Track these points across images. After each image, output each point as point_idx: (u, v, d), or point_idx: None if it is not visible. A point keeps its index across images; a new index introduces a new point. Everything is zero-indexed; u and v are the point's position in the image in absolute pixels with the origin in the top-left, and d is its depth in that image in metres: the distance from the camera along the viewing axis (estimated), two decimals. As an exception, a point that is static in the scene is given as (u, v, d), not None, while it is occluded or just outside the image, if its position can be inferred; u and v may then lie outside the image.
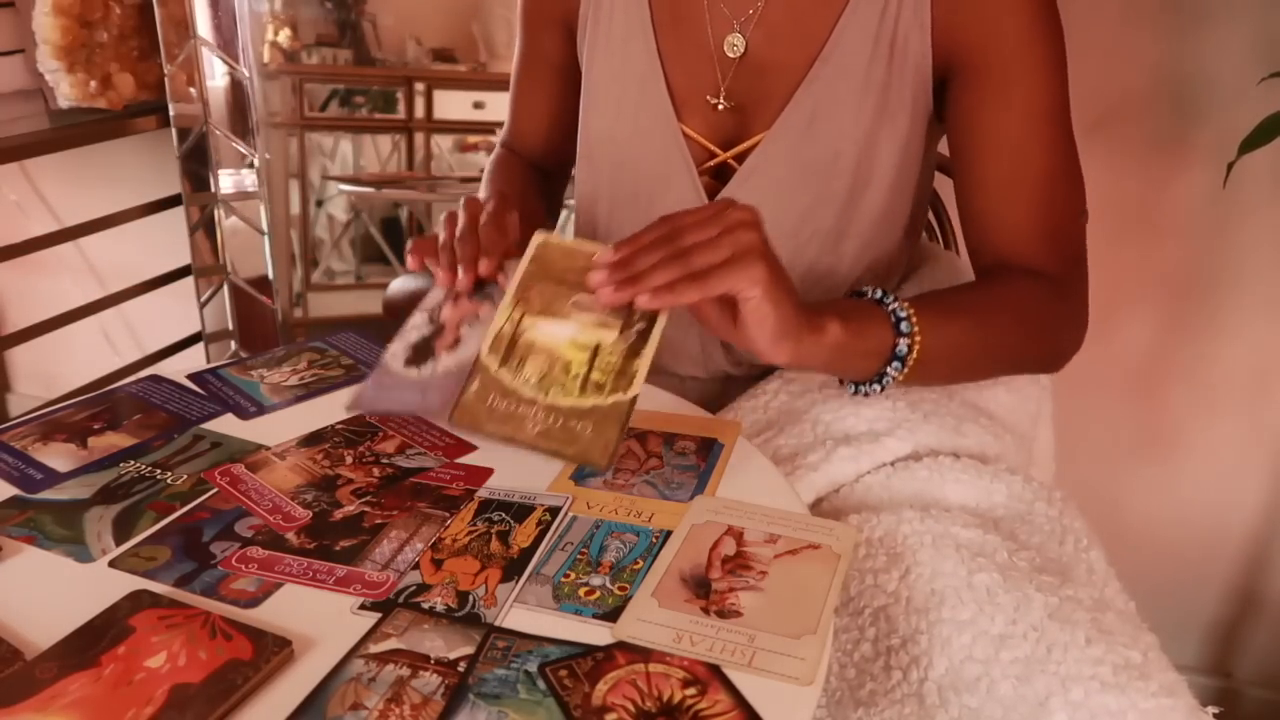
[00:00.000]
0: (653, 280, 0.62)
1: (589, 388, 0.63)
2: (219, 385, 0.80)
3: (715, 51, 0.86)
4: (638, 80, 0.88)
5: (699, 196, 0.87)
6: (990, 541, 0.68)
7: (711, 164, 0.88)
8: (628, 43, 0.88)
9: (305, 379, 0.81)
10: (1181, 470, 1.48)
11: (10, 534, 0.60)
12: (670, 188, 0.88)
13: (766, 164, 0.85)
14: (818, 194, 0.85)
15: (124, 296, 1.66)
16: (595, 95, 0.91)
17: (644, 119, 0.88)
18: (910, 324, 0.72)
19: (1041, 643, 0.61)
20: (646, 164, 0.89)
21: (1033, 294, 0.81)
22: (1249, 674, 1.55)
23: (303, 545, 0.60)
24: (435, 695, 0.48)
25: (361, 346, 0.87)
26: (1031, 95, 0.80)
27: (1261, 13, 1.23)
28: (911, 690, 0.62)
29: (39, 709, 0.47)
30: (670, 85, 0.87)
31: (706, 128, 0.87)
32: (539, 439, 0.62)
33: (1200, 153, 1.31)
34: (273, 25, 1.50)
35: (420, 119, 1.56)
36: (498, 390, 0.64)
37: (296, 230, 1.63)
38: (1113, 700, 0.58)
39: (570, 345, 0.64)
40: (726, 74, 0.86)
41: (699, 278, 0.62)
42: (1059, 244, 0.83)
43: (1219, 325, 1.39)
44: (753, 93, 0.86)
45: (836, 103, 0.83)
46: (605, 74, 0.90)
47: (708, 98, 0.86)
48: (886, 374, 0.73)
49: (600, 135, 0.91)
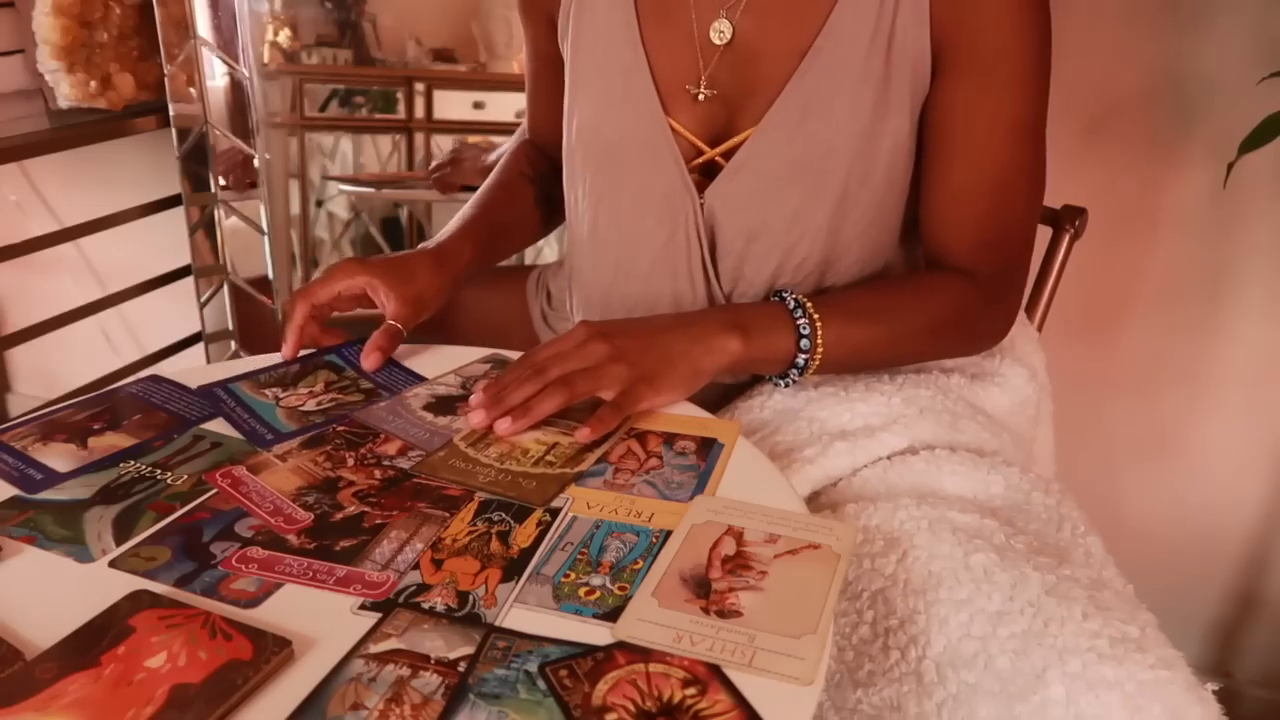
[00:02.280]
0: (511, 400, 0.72)
1: (541, 464, 0.69)
2: (231, 405, 0.76)
3: (700, 38, 0.83)
4: (622, 71, 0.86)
5: (688, 191, 0.86)
6: (987, 525, 0.68)
7: (700, 160, 0.87)
8: (611, 32, 0.86)
9: (323, 403, 0.77)
10: (1181, 470, 1.48)
11: (10, 534, 0.60)
12: (659, 182, 0.87)
13: (756, 159, 0.83)
14: (810, 191, 0.83)
15: (124, 296, 1.66)
16: (580, 87, 0.90)
17: (630, 112, 0.87)
18: (811, 340, 0.79)
19: (1039, 618, 0.61)
20: (635, 158, 0.88)
21: (953, 297, 0.84)
22: (1249, 674, 1.55)
23: (303, 545, 0.60)
24: (435, 695, 0.48)
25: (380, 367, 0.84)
26: (1008, 101, 0.80)
27: (1261, 13, 1.23)
28: (910, 669, 0.62)
29: (39, 709, 0.47)
30: (655, 76, 0.85)
31: (694, 122, 0.86)
32: (485, 485, 0.67)
33: (1200, 153, 1.31)
34: (273, 25, 1.50)
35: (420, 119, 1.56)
36: (459, 457, 0.70)
37: (296, 230, 1.63)
38: (1110, 671, 0.58)
39: (532, 440, 0.72)
40: (709, 62, 0.83)
41: (561, 384, 0.72)
42: (998, 250, 0.85)
43: (1219, 325, 1.39)
44: (740, 83, 0.84)
45: (832, 95, 0.81)
46: (589, 65, 0.89)
47: (687, 87, 0.84)
48: (788, 376, 0.82)
49: (586, 127, 0.90)
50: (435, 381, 0.82)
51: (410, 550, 0.59)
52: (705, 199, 0.86)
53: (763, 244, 0.86)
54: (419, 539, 0.60)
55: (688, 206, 0.86)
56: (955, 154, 0.82)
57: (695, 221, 0.87)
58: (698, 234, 0.87)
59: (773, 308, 0.81)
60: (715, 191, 0.85)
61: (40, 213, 1.96)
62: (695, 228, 0.87)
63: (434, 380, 0.82)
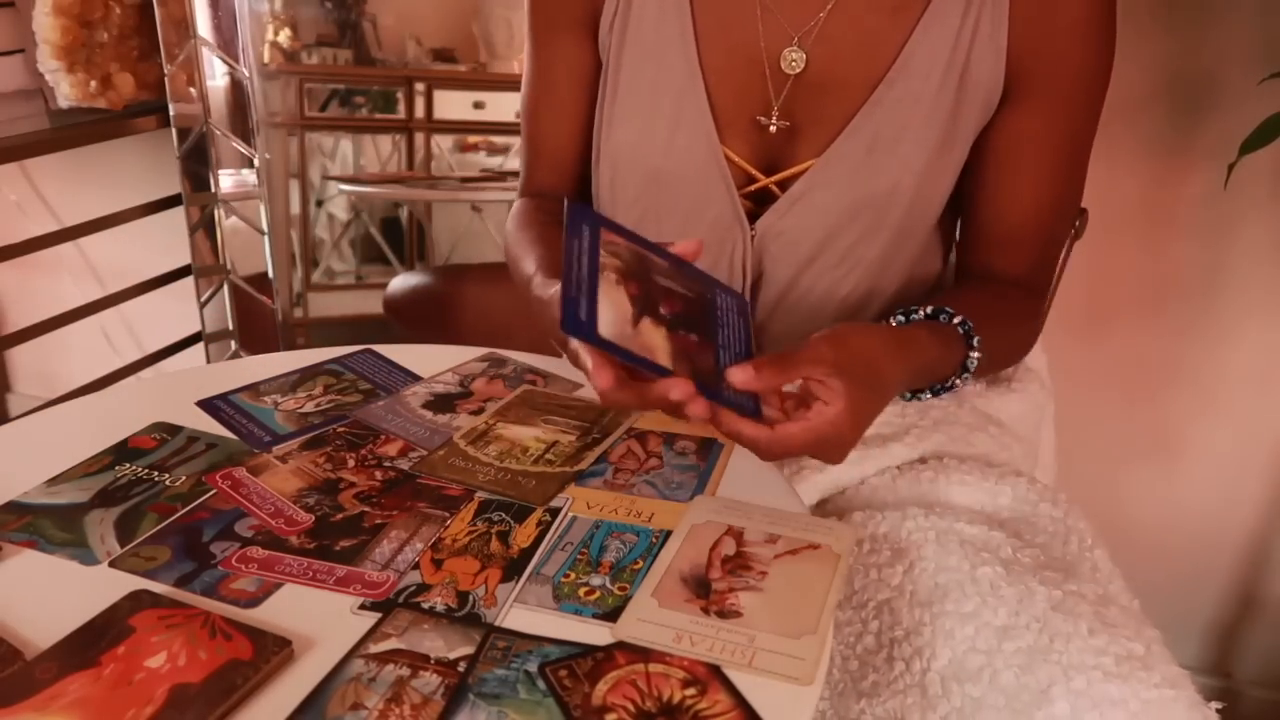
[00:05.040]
0: None
1: (540, 463, 0.69)
2: (231, 413, 0.76)
3: (769, 66, 0.79)
4: (674, 93, 0.81)
5: (739, 222, 0.82)
6: (994, 538, 0.68)
7: (753, 188, 0.82)
8: (663, 49, 0.81)
9: (322, 405, 0.77)
10: (1182, 471, 1.48)
11: (11, 539, 0.60)
12: (708, 209, 0.83)
13: (815, 192, 0.80)
14: (869, 226, 0.80)
15: (124, 296, 1.66)
16: (623, 102, 0.84)
17: (681, 136, 0.81)
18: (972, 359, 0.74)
19: (1044, 633, 0.61)
20: (681, 183, 0.82)
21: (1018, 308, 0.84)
22: (1249, 674, 1.55)
23: (303, 545, 0.60)
24: (435, 695, 0.48)
25: (379, 369, 0.84)
26: (1078, 123, 0.80)
27: (1261, 13, 1.23)
28: (914, 681, 0.62)
29: (39, 709, 0.47)
30: (713, 103, 0.80)
31: (749, 149, 0.81)
32: (485, 484, 0.66)
33: (1200, 153, 1.31)
34: (273, 25, 1.50)
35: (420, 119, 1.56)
36: (459, 456, 0.70)
37: (296, 230, 1.63)
38: (1115, 689, 0.58)
39: (531, 438, 0.72)
40: (780, 91, 0.79)
41: None
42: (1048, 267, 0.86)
43: (1219, 326, 1.39)
44: (808, 114, 0.79)
45: (900, 129, 0.77)
46: (637, 80, 0.82)
47: (759, 118, 0.80)
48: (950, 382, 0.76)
49: (625, 145, 0.84)
50: (433, 380, 0.82)
51: (410, 550, 0.59)
52: (756, 229, 0.82)
53: (810, 275, 0.83)
54: (419, 539, 0.60)
55: (737, 237, 0.83)
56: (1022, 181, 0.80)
57: (744, 253, 0.83)
58: (744, 265, 0.84)
59: (930, 330, 0.74)
60: (767, 223, 0.82)
61: (40, 213, 1.96)
62: (743, 259, 0.84)
63: (431, 379, 0.82)
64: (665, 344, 0.57)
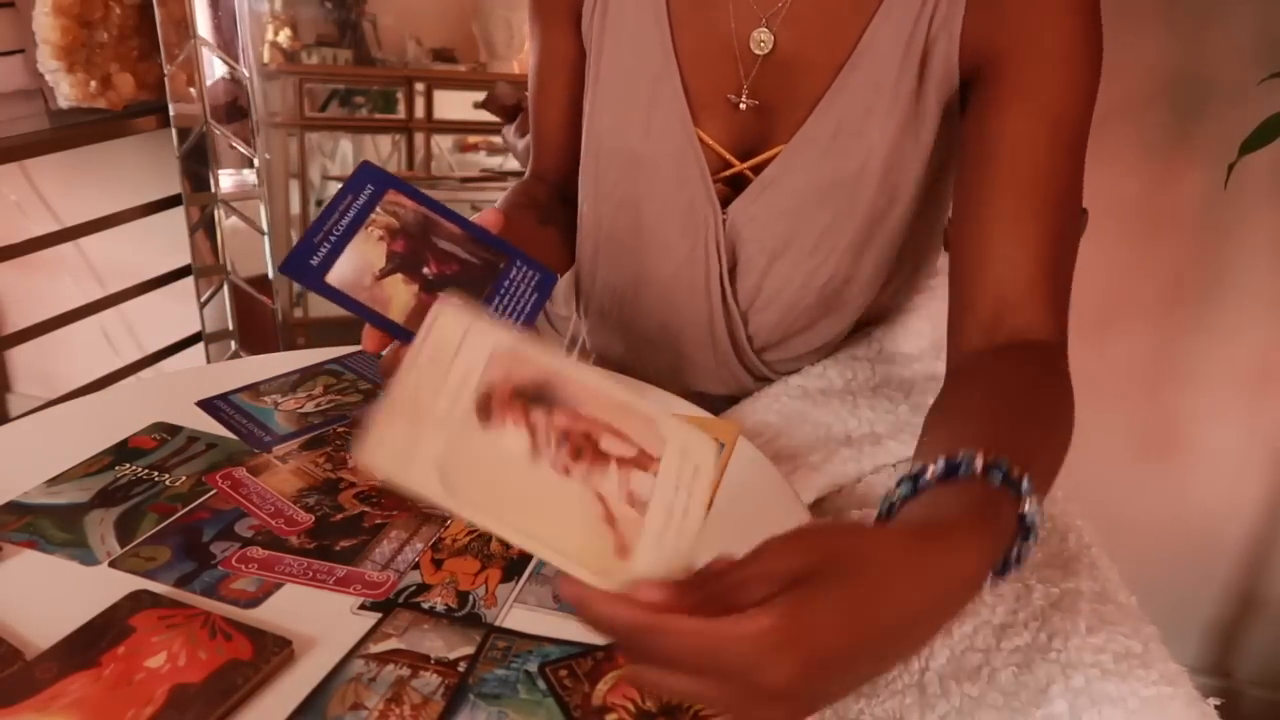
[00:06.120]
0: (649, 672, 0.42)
1: None
2: (230, 413, 0.76)
3: (739, 47, 0.80)
4: (650, 77, 0.82)
5: (711, 205, 0.82)
6: None
7: (727, 173, 0.83)
8: (640, 35, 0.82)
9: (322, 405, 0.78)
10: (1181, 470, 1.48)
11: (11, 539, 0.60)
12: (682, 193, 0.83)
13: (786, 176, 0.80)
14: (840, 209, 0.80)
15: (124, 296, 1.66)
16: (603, 90, 0.85)
17: (657, 120, 0.82)
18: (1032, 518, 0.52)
19: (1043, 631, 0.61)
20: (659, 167, 0.84)
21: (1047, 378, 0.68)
22: (1249, 674, 1.55)
23: (303, 545, 0.60)
24: (435, 695, 0.48)
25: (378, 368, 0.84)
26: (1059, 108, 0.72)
27: (1261, 13, 1.23)
28: (913, 680, 0.62)
29: (39, 709, 0.47)
30: (687, 85, 0.81)
31: (724, 133, 0.82)
32: None
33: (1200, 153, 1.31)
34: (273, 25, 1.50)
35: (420, 119, 1.56)
36: None
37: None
38: (1113, 687, 0.58)
39: None
40: (750, 71, 0.80)
41: None
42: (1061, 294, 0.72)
43: (1219, 326, 1.39)
44: (777, 94, 0.80)
45: (864, 114, 0.77)
46: (615, 67, 0.84)
47: (729, 96, 0.81)
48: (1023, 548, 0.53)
49: (606, 131, 0.86)
50: None
51: (410, 550, 0.59)
52: (729, 214, 0.83)
53: (786, 262, 0.83)
54: (419, 539, 0.60)
55: (710, 220, 0.83)
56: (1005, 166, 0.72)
57: (717, 237, 0.83)
58: (718, 249, 0.84)
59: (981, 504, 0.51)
60: (739, 208, 0.82)
61: (40, 213, 1.96)
62: (716, 243, 0.84)
63: None
64: (410, 300, 0.60)
